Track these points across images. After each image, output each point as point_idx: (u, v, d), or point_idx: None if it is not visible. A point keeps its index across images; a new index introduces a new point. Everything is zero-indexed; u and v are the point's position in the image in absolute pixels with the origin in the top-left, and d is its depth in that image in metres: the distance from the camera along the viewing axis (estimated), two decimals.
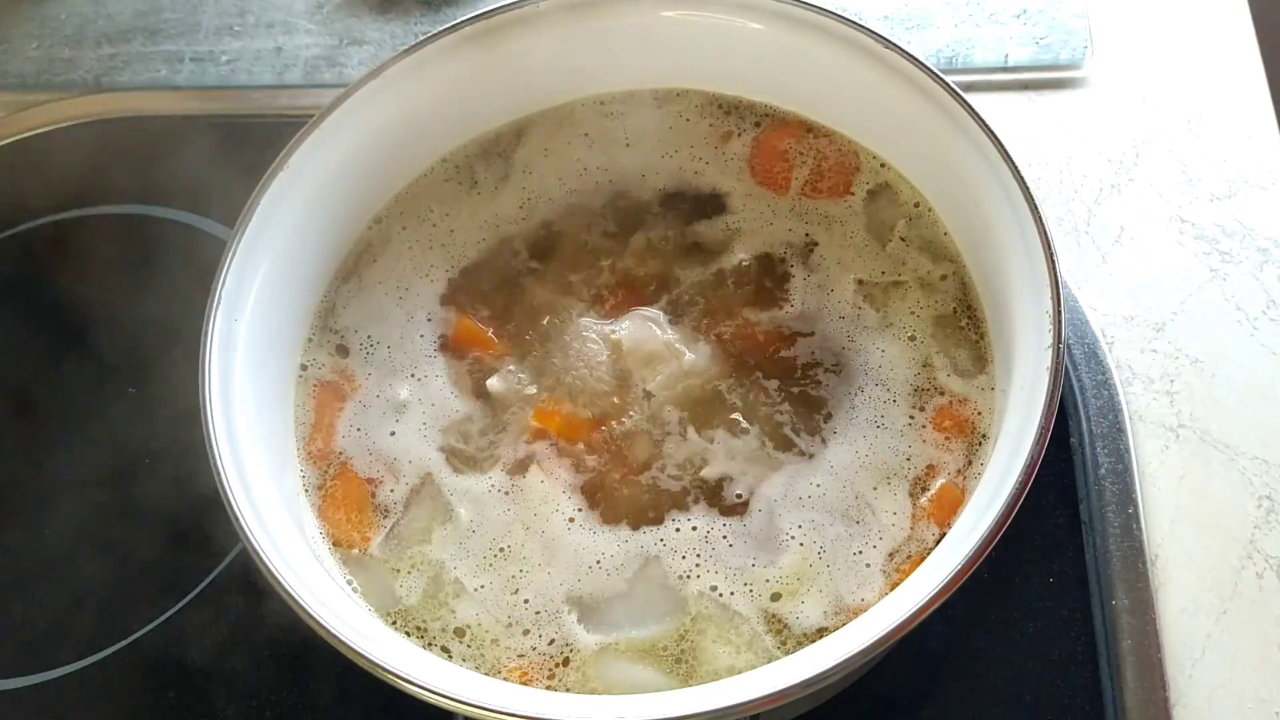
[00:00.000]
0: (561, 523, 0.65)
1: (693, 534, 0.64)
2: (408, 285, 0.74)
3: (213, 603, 0.75)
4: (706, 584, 0.63)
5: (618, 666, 0.61)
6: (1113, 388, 0.76)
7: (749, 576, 0.63)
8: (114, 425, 0.82)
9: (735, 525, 0.64)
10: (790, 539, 0.64)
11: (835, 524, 0.64)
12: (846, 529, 0.64)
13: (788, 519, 0.64)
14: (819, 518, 0.64)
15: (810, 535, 0.63)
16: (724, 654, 0.61)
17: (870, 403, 0.67)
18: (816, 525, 0.64)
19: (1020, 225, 0.62)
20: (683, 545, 0.64)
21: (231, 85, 0.99)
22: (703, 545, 0.64)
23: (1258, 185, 0.84)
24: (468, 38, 0.72)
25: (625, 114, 0.78)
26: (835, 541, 0.63)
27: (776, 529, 0.64)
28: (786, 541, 0.63)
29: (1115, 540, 0.71)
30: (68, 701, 0.74)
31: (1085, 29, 0.91)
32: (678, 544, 0.64)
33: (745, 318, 0.71)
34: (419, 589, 0.64)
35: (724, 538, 0.64)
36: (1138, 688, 0.67)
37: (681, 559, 0.64)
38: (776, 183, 0.75)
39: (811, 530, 0.64)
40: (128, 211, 0.92)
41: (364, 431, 0.69)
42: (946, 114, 0.66)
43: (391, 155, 0.74)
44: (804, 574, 0.63)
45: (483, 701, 0.54)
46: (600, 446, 0.67)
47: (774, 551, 0.63)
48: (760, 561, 0.63)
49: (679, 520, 0.65)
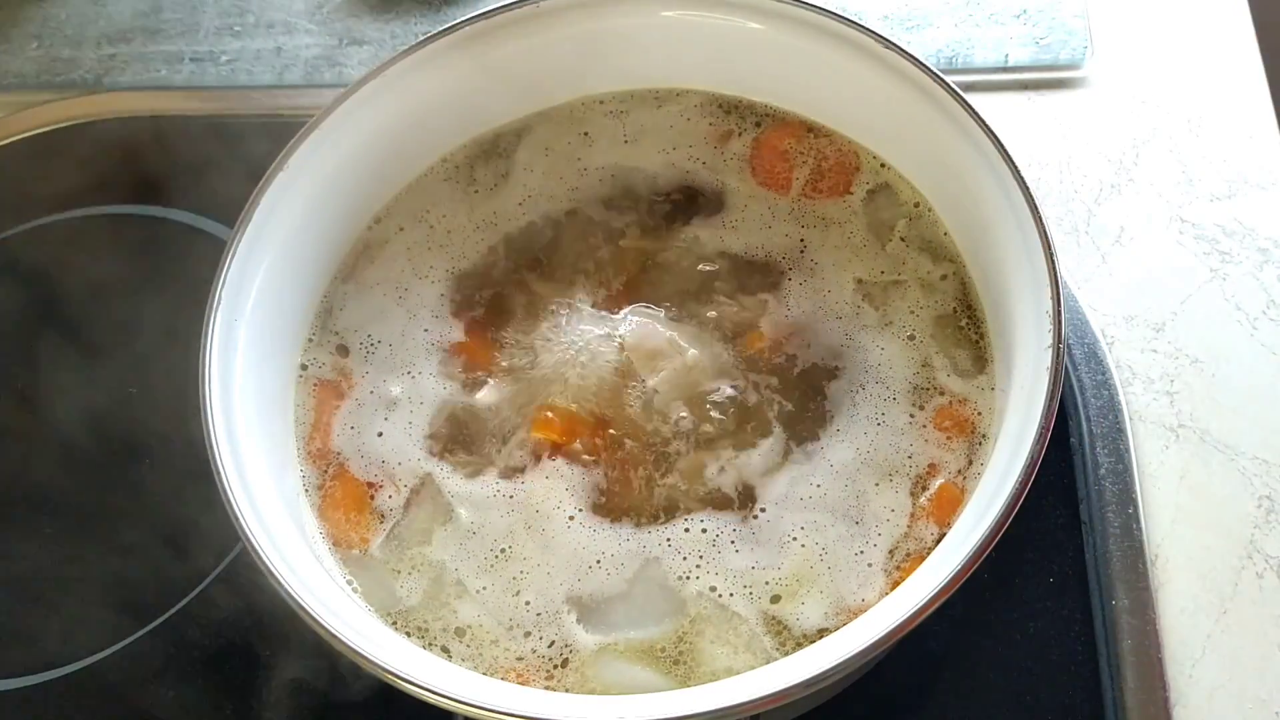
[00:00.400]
0: (562, 523, 0.65)
1: (693, 534, 0.64)
2: (407, 285, 0.74)
3: (213, 603, 0.75)
4: (706, 584, 0.63)
5: (616, 667, 0.61)
6: (1113, 388, 0.76)
7: (749, 578, 0.63)
8: (114, 425, 0.82)
9: (736, 525, 0.64)
10: (791, 540, 0.63)
11: (836, 524, 0.64)
12: (847, 529, 0.64)
13: (788, 519, 0.64)
14: (819, 518, 0.64)
15: (811, 535, 0.63)
16: (722, 655, 0.61)
17: (870, 402, 0.67)
18: (817, 526, 0.64)
19: (1020, 225, 0.62)
20: (683, 546, 0.64)
21: (231, 85, 0.98)
22: (703, 546, 0.64)
23: (1258, 185, 0.84)
24: (468, 38, 0.72)
25: (625, 114, 0.78)
26: (836, 542, 0.63)
27: (777, 530, 0.64)
28: (788, 542, 0.63)
29: (1115, 540, 0.71)
30: (68, 702, 0.74)
31: (1085, 29, 0.91)
32: (678, 544, 0.64)
33: (745, 317, 0.71)
34: (420, 590, 0.64)
35: (724, 538, 0.64)
36: (1138, 688, 0.67)
37: (682, 559, 0.64)
38: (777, 183, 0.75)
39: (813, 531, 0.64)
40: (128, 211, 0.92)
41: (364, 432, 0.69)
42: (946, 114, 0.66)
43: (391, 155, 0.74)
44: (804, 575, 0.63)
45: (483, 701, 0.54)
46: (601, 446, 0.67)
47: (775, 552, 0.63)
48: (761, 563, 0.63)
49: (679, 520, 0.65)
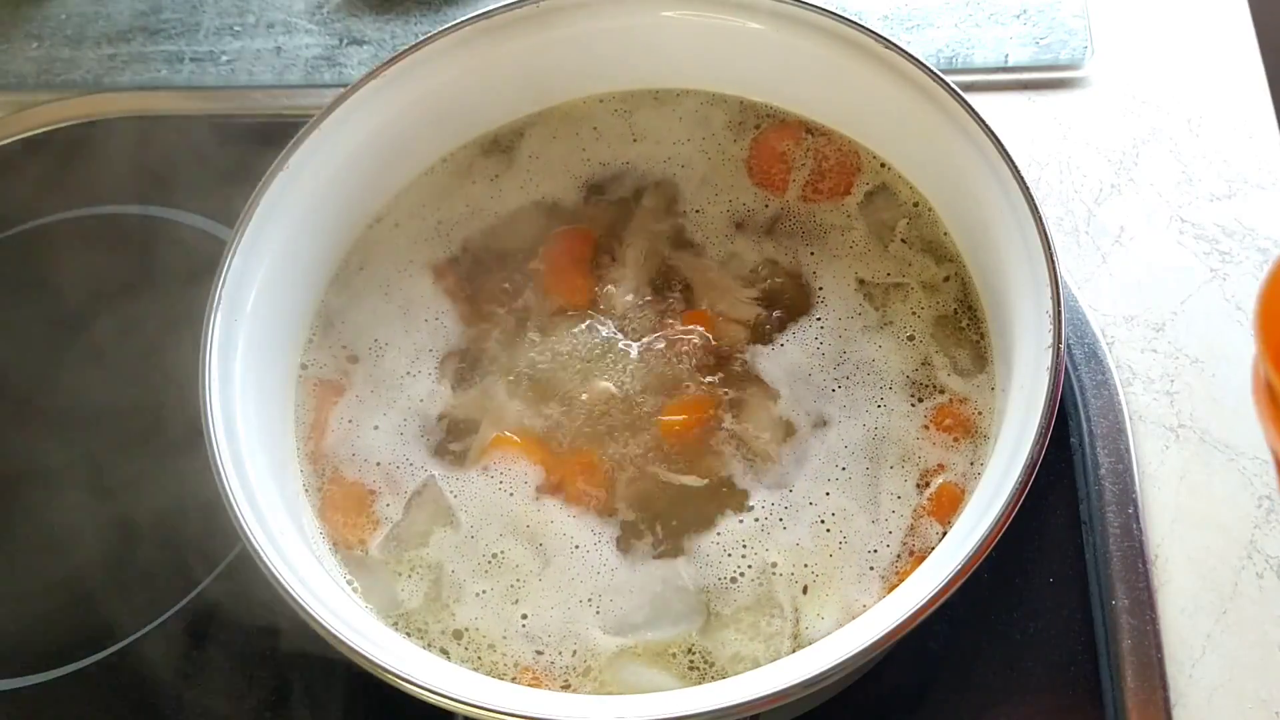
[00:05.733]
0: (564, 524, 0.65)
1: (695, 535, 0.64)
2: (408, 284, 0.74)
3: (213, 603, 0.75)
4: (711, 586, 0.63)
5: (633, 669, 0.61)
6: (1113, 388, 0.76)
7: (753, 579, 0.63)
8: (113, 426, 0.82)
9: (737, 526, 0.64)
10: (793, 539, 0.64)
11: (836, 525, 0.64)
12: (849, 531, 0.64)
13: (789, 520, 0.64)
14: (820, 519, 0.64)
15: (812, 536, 0.64)
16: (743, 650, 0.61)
17: (870, 402, 0.67)
18: (818, 526, 0.64)
19: (1020, 225, 0.62)
20: (686, 546, 0.64)
21: (231, 85, 0.98)
22: (705, 546, 0.64)
23: (1258, 185, 0.84)
24: (467, 38, 0.72)
25: (625, 114, 0.78)
26: (837, 543, 0.63)
27: (778, 530, 0.64)
28: (790, 542, 0.63)
29: (1115, 540, 0.71)
30: (68, 702, 0.74)
31: (1085, 29, 0.91)
32: (682, 545, 0.64)
33: (745, 317, 0.71)
34: (420, 592, 0.64)
35: (726, 538, 0.64)
36: (1138, 688, 0.67)
37: (687, 561, 0.64)
38: (775, 183, 0.75)
39: (814, 530, 0.64)
40: (128, 211, 0.92)
41: (364, 432, 0.69)
42: (946, 114, 0.66)
43: (391, 155, 0.74)
44: (807, 577, 0.63)
45: (483, 701, 0.54)
46: (602, 446, 0.67)
47: (776, 553, 0.63)
48: (764, 564, 0.63)
49: (681, 520, 0.65)
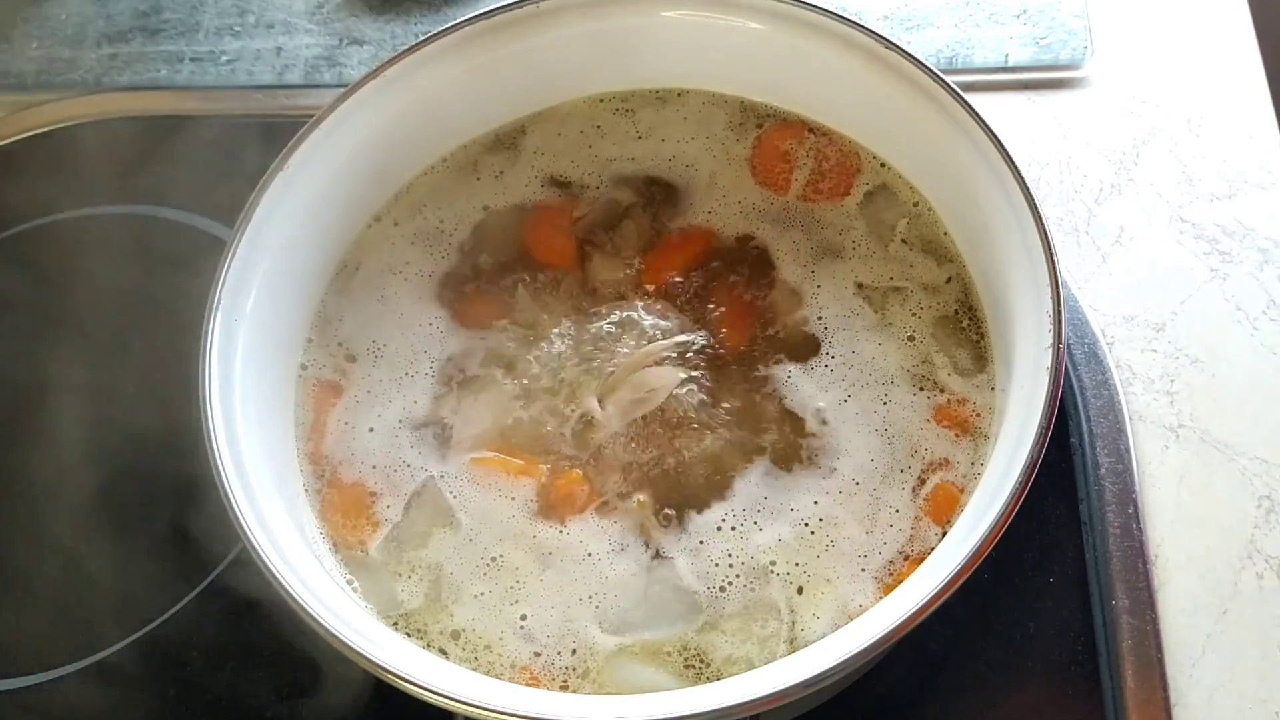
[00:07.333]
0: (563, 525, 0.65)
1: (696, 536, 0.64)
2: (407, 284, 0.74)
3: (213, 603, 0.75)
4: (714, 586, 0.63)
5: (631, 668, 0.61)
6: (1113, 388, 0.76)
7: (752, 580, 0.63)
8: (113, 425, 0.82)
9: (738, 526, 0.64)
10: (793, 540, 0.64)
11: (836, 526, 0.64)
12: (848, 530, 0.64)
13: (788, 520, 0.64)
14: (819, 520, 0.64)
15: (813, 537, 0.64)
16: (737, 651, 0.61)
17: (870, 402, 0.67)
18: (817, 527, 0.64)
19: (1020, 225, 0.62)
20: (688, 547, 0.64)
21: (231, 85, 0.98)
22: (707, 547, 0.64)
23: (1258, 185, 0.84)
24: (468, 38, 0.72)
25: (626, 114, 0.78)
26: (838, 544, 0.63)
27: (777, 530, 0.64)
28: (789, 543, 0.63)
29: (1115, 540, 0.71)
30: (68, 702, 0.74)
31: (1085, 29, 0.91)
32: (683, 545, 0.64)
33: (745, 317, 0.71)
34: (420, 592, 0.64)
35: (726, 539, 0.64)
36: (1138, 688, 0.67)
37: (688, 561, 0.64)
38: (777, 183, 0.75)
39: (816, 531, 0.64)
40: (128, 211, 0.92)
41: (364, 433, 0.69)
42: (946, 114, 0.66)
43: (391, 155, 0.74)
44: (801, 577, 0.63)
45: (483, 701, 0.54)
46: (604, 447, 0.67)
47: (777, 554, 0.63)
48: (760, 565, 0.63)
49: (682, 521, 0.65)
